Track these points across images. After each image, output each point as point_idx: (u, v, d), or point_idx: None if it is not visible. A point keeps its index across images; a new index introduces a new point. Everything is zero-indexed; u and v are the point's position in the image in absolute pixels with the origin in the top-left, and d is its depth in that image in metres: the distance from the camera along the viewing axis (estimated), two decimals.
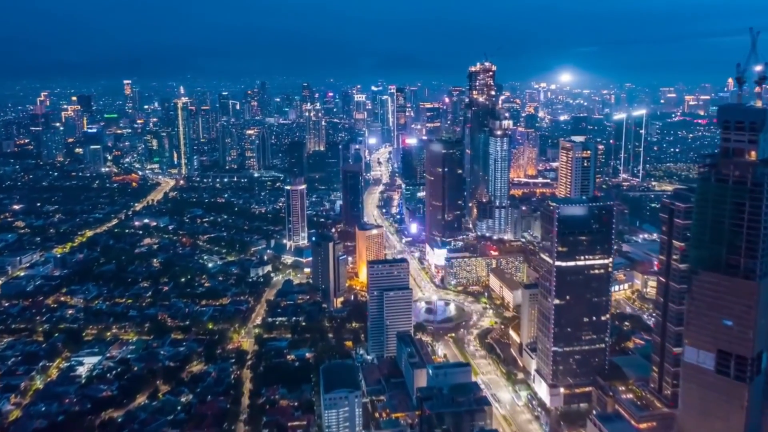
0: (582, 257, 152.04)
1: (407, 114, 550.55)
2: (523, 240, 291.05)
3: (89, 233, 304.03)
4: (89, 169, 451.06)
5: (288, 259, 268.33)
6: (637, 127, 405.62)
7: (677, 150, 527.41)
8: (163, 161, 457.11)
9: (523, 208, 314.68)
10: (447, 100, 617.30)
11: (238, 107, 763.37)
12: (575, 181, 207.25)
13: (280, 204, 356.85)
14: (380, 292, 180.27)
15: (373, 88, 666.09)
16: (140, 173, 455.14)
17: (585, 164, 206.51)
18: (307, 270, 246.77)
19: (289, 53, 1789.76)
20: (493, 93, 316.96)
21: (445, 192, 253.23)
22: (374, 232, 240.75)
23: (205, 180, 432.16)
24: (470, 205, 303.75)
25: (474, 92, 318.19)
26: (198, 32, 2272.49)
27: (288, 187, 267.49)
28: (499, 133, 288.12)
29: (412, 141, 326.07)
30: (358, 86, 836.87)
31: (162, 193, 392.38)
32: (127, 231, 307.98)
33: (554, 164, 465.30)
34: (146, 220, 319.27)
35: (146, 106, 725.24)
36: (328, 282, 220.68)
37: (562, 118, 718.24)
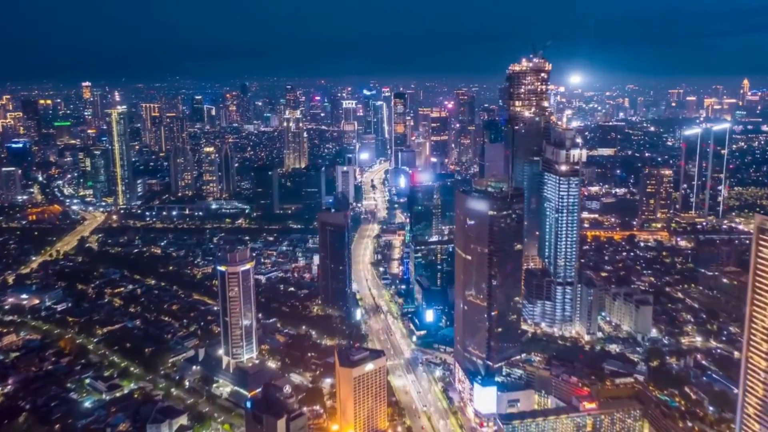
0: None
1: (408, 123, 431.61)
2: (601, 336, 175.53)
3: None
4: (1, 198, 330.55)
5: (224, 387, 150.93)
6: (717, 146, 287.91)
7: (731, 167, 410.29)
8: (97, 187, 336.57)
9: (590, 272, 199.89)
10: (450, 105, 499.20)
11: (213, 113, 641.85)
12: None
13: None
14: None
15: (366, 92, 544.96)
16: (68, 203, 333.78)
17: None
18: None
19: (280, 53, 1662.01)
20: (546, 105, 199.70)
21: (493, 283, 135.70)
22: (369, 367, 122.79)
23: (147, 214, 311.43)
24: None
25: (516, 103, 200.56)
26: (187, 32, 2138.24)
27: (222, 268, 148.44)
28: (564, 168, 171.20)
29: (424, 178, 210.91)
30: (348, 89, 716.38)
31: (79, 237, 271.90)
32: None
33: (592, 189, 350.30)
34: (24, 297, 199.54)
35: (108, 111, 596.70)
36: None
37: (575, 125, 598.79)
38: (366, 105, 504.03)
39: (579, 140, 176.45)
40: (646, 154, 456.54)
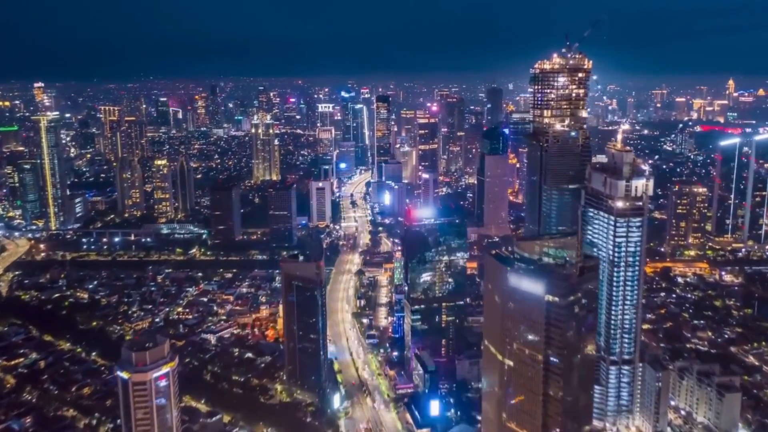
0: None
1: (392, 128, 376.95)
2: None
3: None
4: None
5: None
6: (762, 160, 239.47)
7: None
8: (27, 207, 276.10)
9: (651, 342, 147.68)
10: (435, 108, 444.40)
11: (180, 116, 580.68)
12: None
13: (180, 311, 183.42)
14: None
15: (344, 93, 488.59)
16: None
17: None
18: None
19: (256, 52, 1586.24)
20: (584, 115, 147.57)
21: (551, 408, 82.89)
22: None
23: (83, 241, 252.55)
24: None
25: (544, 112, 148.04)
26: (162, 30, 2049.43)
27: (124, 375, 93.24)
28: (621, 205, 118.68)
29: (425, 214, 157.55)
30: (326, 89, 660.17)
31: None
32: None
33: None
34: None
35: (35, 118, 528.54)
36: None
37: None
38: (344, 108, 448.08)
39: (645, 167, 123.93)
40: (650, 162, 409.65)
